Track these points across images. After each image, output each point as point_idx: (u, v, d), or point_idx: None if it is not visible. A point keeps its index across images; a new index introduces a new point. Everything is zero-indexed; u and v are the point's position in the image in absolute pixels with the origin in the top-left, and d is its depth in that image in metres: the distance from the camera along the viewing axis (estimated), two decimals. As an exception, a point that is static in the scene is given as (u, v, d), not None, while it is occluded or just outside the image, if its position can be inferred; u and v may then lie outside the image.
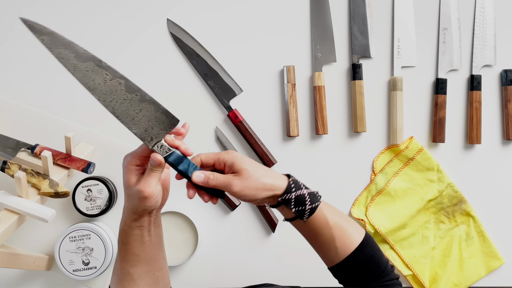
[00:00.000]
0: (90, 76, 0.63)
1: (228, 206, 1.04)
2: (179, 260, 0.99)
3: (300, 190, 0.68)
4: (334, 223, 0.70)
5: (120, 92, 0.64)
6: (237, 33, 1.05)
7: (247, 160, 0.68)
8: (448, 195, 1.05)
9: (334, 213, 0.71)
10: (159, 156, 0.64)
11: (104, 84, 0.63)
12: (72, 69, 0.62)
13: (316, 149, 1.05)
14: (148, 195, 0.65)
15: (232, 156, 0.67)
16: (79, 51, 0.62)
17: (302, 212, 0.68)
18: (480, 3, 1.05)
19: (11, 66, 1.04)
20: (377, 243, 1.03)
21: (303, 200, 0.68)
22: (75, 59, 0.62)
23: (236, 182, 0.66)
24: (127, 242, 0.70)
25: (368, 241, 0.72)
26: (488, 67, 1.06)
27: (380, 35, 1.05)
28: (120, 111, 0.64)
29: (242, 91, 1.05)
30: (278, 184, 0.68)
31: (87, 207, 0.99)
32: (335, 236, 0.70)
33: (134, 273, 0.70)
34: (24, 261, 0.93)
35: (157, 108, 0.65)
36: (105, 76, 0.63)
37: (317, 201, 0.69)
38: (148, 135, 0.65)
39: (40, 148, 0.94)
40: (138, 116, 0.65)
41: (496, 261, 1.05)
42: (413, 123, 1.05)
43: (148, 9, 1.04)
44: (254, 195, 0.66)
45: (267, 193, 0.67)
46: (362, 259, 0.70)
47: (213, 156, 0.68)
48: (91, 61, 0.63)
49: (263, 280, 1.04)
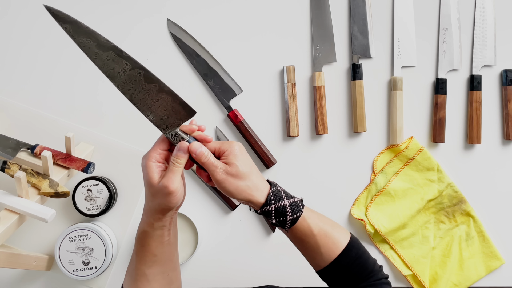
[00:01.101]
0: (110, 65, 0.64)
1: (228, 206, 1.04)
2: (179, 260, 0.99)
3: (281, 201, 0.69)
4: (318, 231, 0.70)
5: (139, 82, 0.66)
6: (237, 33, 1.05)
7: (243, 158, 0.68)
8: (448, 195, 1.05)
9: (319, 219, 0.72)
10: (184, 143, 0.66)
11: (124, 73, 0.65)
12: (93, 57, 0.64)
13: (316, 149, 1.05)
14: (173, 190, 0.65)
15: (231, 147, 0.68)
16: (100, 40, 0.64)
17: (284, 222, 0.69)
18: (480, 3, 1.05)
19: (11, 66, 1.04)
20: (377, 243, 1.04)
21: (283, 211, 0.69)
22: (96, 48, 0.64)
23: (221, 171, 0.67)
24: (147, 243, 0.70)
25: (353, 244, 0.73)
26: (488, 67, 1.06)
27: (380, 35, 1.05)
28: (138, 99, 0.66)
29: (242, 91, 1.05)
30: (256, 198, 0.68)
31: (87, 207, 0.99)
32: (320, 243, 0.71)
33: (149, 274, 0.71)
34: (24, 261, 0.93)
35: (175, 99, 0.67)
36: (125, 66, 0.65)
37: (299, 211, 0.70)
38: (163, 123, 0.67)
39: (40, 148, 0.94)
40: (155, 105, 0.66)
41: (496, 261, 1.05)
42: (413, 123, 1.06)
43: (148, 9, 1.04)
44: (232, 193, 0.67)
45: (245, 196, 0.68)
46: (348, 262, 0.71)
47: (216, 144, 0.69)
48: (112, 50, 0.64)
49: (263, 280, 1.04)
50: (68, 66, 1.04)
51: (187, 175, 1.04)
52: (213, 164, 0.67)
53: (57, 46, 1.04)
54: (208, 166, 0.67)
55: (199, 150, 0.67)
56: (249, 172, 0.68)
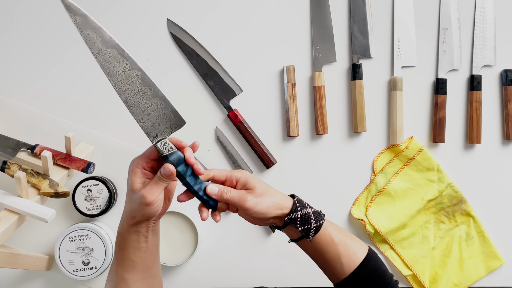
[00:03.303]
0: (111, 63, 0.65)
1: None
2: (179, 260, 0.99)
3: (305, 209, 0.70)
4: (338, 240, 0.72)
5: (136, 83, 0.66)
6: (237, 33, 1.05)
7: (259, 180, 0.71)
8: (448, 195, 1.05)
9: (338, 230, 0.73)
10: (171, 167, 0.65)
11: (123, 72, 0.65)
12: (96, 53, 0.64)
13: (316, 149, 1.05)
14: (150, 202, 0.65)
15: (246, 174, 0.70)
16: (105, 37, 0.64)
17: (308, 230, 0.70)
18: (480, 3, 1.05)
19: (12, 66, 1.04)
20: (377, 243, 1.04)
21: (308, 218, 0.70)
22: (100, 44, 0.64)
23: (250, 197, 0.68)
24: (123, 246, 0.70)
25: (372, 256, 0.74)
26: (488, 67, 1.06)
27: (380, 35, 1.05)
28: (132, 101, 0.66)
29: (242, 91, 1.05)
30: (286, 203, 0.70)
31: (87, 207, 0.99)
32: (340, 253, 0.71)
33: (129, 279, 0.70)
34: (24, 261, 0.93)
35: (167, 106, 0.67)
36: (124, 65, 0.65)
37: (322, 219, 0.71)
38: (154, 130, 0.66)
39: (40, 148, 0.94)
40: (148, 109, 0.66)
41: (496, 261, 1.05)
42: (413, 123, 1.06)
43: (148, 9, 1.04)
44: (265, 213, 0.68)
45: (276, 211, 0.69)
46: (367, 273, 0.72)
47: (226, 173, 0.70)
48: (114, 48, 0.65)
49: (263, 280, 1.04)
50: (68, 66, 1.04)
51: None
52: (239, 196, 0.68)
53: (58, 46, 1.04)
54: (234, 200, 0.68)
55: (217, 190, 0.68)
56: (269, 188, 0.71)
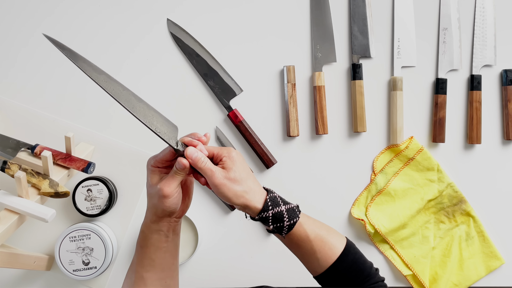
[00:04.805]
0: (110, 86, 0.65)
1: (228, 206, 1.04)
2: (179, 260, 0.99)
3: (278, 207, 0.69)
4: (314, 236, 0.71)
5: (134, 102, 0.67)
6: (237, 33, 1.05)
7: (240, 164, 0.70)
8: (448, 195, 1.05)
9: (315, 226, 0.73)
10: (184, 161, 0.67)
11: (121, 93, 0.66)
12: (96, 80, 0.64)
13: (316, 149, 1.05)
14: (167, 194, 0.67)
15: (229, 153, 0.70)
16: (93, 65, 0.65)
17: (281, 228, 0.70)
18: (480, 3, 1.05)
19: (12, 66, 1.04)
20: (377, 243, 1.04)
21: (280, 217, 0.69)
22: (93, 71, 0.65)
23: (220, 176, 0.67)
24: (145, 244, 0.72)
25: (349, 249, 0.74)
26: (488, 67, 1.06)
27: (380, 35, 1.05)
28: (142, 116, 0.67)
29: (242, 91, 1.05)
30: (253, 203, 0.69)
31: (87, 207, 0.99)
32: (316, 249, 0.72)
33: (147, 278, 0.72)
34: (24, 261, 0.93)
35: (160, 115, 0.69)
36: (118, 87, 0.66)
37: (296, 217, 0.71)
38: (169, 137, 0.68)
39: (40, 148, 0.94)
40: (154, 122, 0.67)
41: (496, 261, 1.05)
42: (413, 123, 1.05)
43: (148, 9, 1.04)
44: (230, 198, 0.68)
45: (242, 201, 0.68)
46: (344, 267, 0.72)
47: (212, 149, 0.70)
48: (104, 74, 0.66)
49: (263, 280, 1.04)
50: (68, 66, 1.04)
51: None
52: (210, 169, 0.68)
53: (57, 46, 1.04)
54: (205, 171, 0.68)
55: (194, 155, 0.68)
56: (246, 178, 0.69)
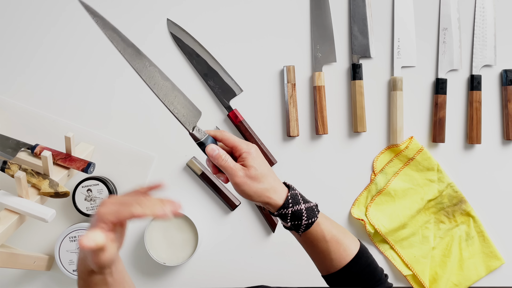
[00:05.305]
0: (135, 60, 0.66)
1: (228, 206, 1.04)
2: (179, 260, 0.99)
3: (298, 205, 0.68)
4: (330, 237, 0.70)
5: (157, 79, 0.67)
6: (237, 33, 1.05)
7: (261, 161, 0.68)
8: (448, 195, 1.05)
9: (332, 226, 0.71)
10: (214, 146, 0.68)
11: (146, 68, 0.67)
12: (123, 51, 0.65)
13: (316, 149, 1.05)
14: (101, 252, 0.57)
15: (249, 149, 0.68)
16: (122, 35, 0.66)
17: (298, 226, 0.69)
18: (480, 3, 1.05)
19: (12, 66, 1.04)
20: (377, 243, 1.04)
21: (299, 215, 0.68)
22: (122, 42, 0.65)
23: (241, 174, 0.66)
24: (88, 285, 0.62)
25: (363, 252, 0.73)
26: (488, 67, 1.06)
27: (380, 35, 1.05)
28: (162, 95, 0.67)
29: (242, 91, 1.05)
30: (277, 196, 0.68)
31: (87, 207, 0.99)
32: (331, 249, 0.70)
33: None
34: (24, 261, 0.93)
35: (185, 97, 0.69)
36: (145, 62, 0.67)
37: (315, 216, 0.69)
38: (186, 120, 0.68)
39: (40, 148, 0.94)
40: (174, 102, 0.67)
41: (496, 261, 1.05)
42: (413, 123, 1.05)
43: (148, 9, 1.04)
44: (251, 196, 0.67)
45: (264, 199, 0.67)
46: (357, 269, 0.71)
47: (233, 142, 0.69)
48: (132, 47, 0.66)
49: (263, 280, 1.04)
50: (68, 66, 1.04)
51: (186, 173, 1.04)
52: (231, 167, 0.66)
53: (57, 46, 1.04)
54: (227, 169, 0.66)
55: (216, 152, 0.67)
56: (267, 175, 0.68)
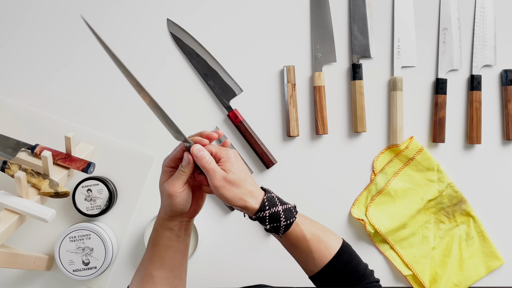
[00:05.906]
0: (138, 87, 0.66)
1: (228, 206, 1.04)
2: (179, 260, 0.99)
3: (275, 208, 0.70)
4: (311, 236, 0.72)
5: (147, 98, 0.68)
6: (237, 33, 1.05)
7: (239, 165, 0.70)
8: (448, 195, 1.05)
9: (311, 225, 0.73)
10: (190, 156, 0.69)
11: None
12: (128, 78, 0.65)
13: (316, 149, 1.05)
14: (171, 193, 0.69)
15: (228, 154, 0.70)
16: None
17: (277, 228, 0.71)
18: (480, 3, 1.05)
19: (12, 66, 1.04)
20: (377, 243, 1.04)
21: (277, 217, 0.70)
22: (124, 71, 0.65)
23: (221, 177, 0.68)
24: (156, 242, 0.73)
25: (345, 249, 0.74)
26: (488, 67, 1.06)
27: (380, 35, 1.05)
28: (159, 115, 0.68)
29: (242, 91, 1.05)
30: (251, 204, 0.69)
31: (87, 207, 0.99)
32: (312, 248, 0.72)
33: (156, 276, 0.73)
34: (24, 261, 0.93)
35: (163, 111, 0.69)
36: None
37: (293, 217, 0.71)
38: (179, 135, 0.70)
39: (40, 148, 0.94)
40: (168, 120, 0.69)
41: (496, 261, 1.05)
42: (413, 123, 1.05)
43: (148, 9, 1.04)
44: (228, 199, 0.69)
45: (241, 203, 0.69)
46: (340, 266, 0.73)
47: (212, 148, 0.71)
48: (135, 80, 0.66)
49: (263, 280, 1.04)
50: (68, 66, 1.04)
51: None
52: (213, 169, 0.68)
53: (57, 46, 1.04)
54: (208, 171, 0.68)
55: (200, 153, 0.69)
56: (244, 180, 0.70)
